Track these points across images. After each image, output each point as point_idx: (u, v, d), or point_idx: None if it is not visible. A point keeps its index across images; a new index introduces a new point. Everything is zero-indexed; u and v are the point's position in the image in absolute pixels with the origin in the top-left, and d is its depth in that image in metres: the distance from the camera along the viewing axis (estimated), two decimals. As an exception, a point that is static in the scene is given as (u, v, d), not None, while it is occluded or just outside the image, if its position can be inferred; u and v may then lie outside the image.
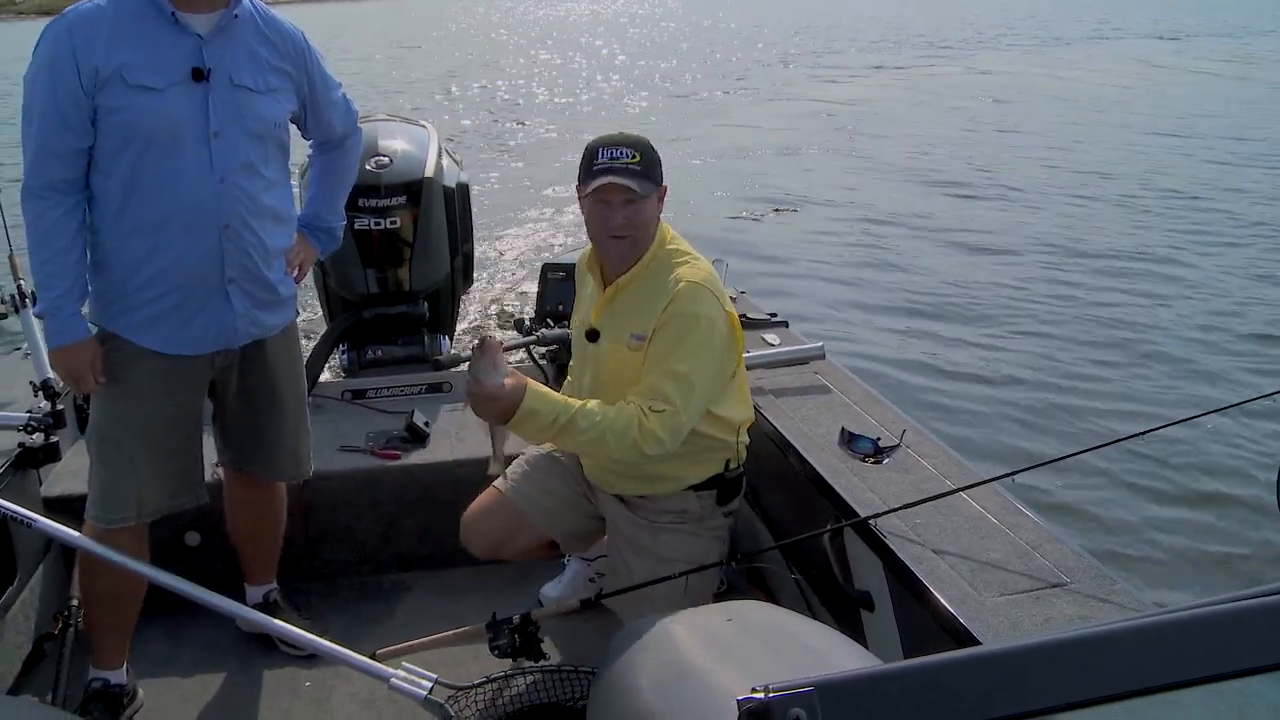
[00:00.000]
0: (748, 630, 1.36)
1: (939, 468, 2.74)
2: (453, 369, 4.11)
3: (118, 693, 2.66)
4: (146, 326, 2.41)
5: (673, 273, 2.43)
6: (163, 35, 2.29)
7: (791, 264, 9.15)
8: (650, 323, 2.40)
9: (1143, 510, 4.92)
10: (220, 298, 2.43)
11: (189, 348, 2.46)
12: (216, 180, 2.34)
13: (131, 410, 2.46)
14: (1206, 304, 7.86)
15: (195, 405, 2.57)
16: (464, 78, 26.85)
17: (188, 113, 2.30)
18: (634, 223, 2.40)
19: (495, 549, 2.79)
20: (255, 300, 2.50)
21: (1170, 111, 17.74)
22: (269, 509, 2.91)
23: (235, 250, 2.41)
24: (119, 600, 2.62)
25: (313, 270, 4.38)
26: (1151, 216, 10.64)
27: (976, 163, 13.77)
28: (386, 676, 2.27)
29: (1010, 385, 6.42)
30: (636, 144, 2.41)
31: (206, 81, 2.31)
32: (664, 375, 2.34)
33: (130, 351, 2.42)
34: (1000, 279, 8.58)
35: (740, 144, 15.73)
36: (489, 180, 12.59)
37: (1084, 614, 2.08)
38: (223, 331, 2.48)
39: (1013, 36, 34.14)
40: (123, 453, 2.46)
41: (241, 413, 2.68)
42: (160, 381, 2.46)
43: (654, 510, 2.62)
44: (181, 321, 2.41)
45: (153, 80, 2.26)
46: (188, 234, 2.34)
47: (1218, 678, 0.76)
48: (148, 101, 2.25)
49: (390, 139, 4.15)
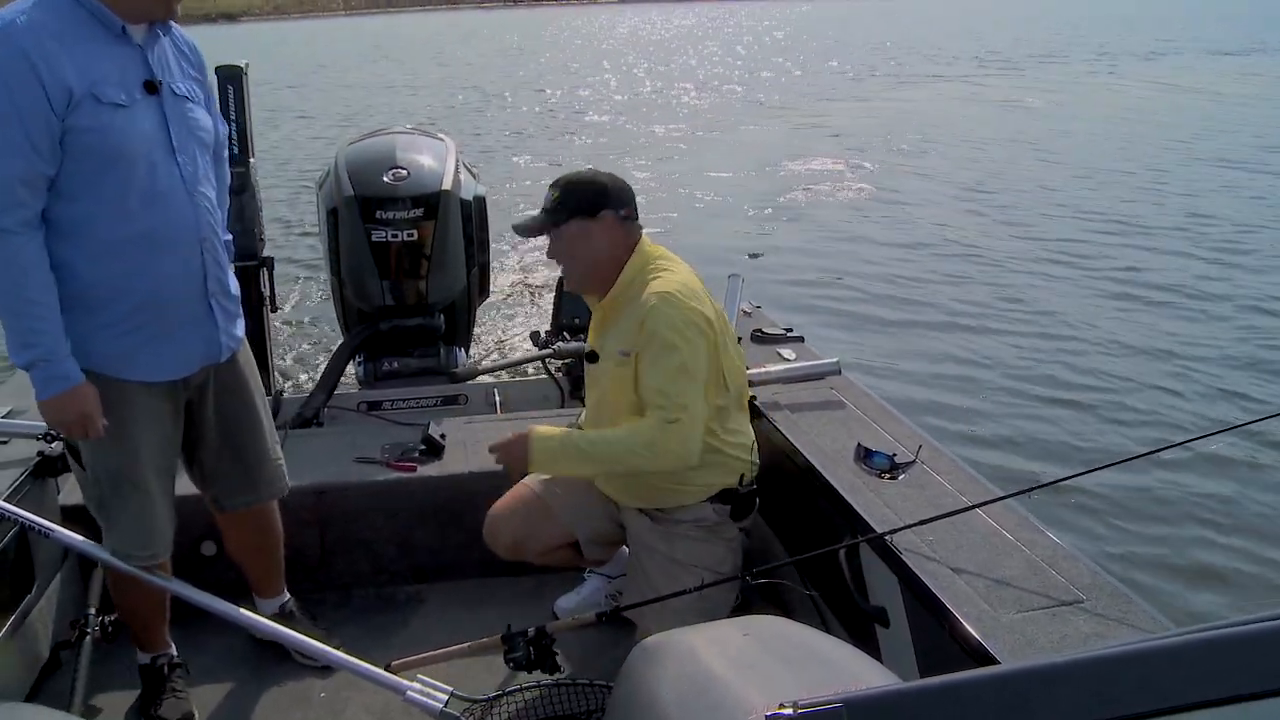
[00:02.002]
0: (765, 645, 1.36)
1: (955, 484, 2.73)
2: (469, 381, 4.12)
3: (179, 663, 2.79)
4: (129, 356, 2.30)
5: (647, 288, 2.56)
6: (111, 49, 2.17)
7: (808, 279, 9.14)
8: (632, 338, 2.53)
9: (1159, 528, 4.89)
10: (205, 315, 2.39)
11: (175, 370, 2.39)
12: (190, 193, 2.28)
13: (137, 445, 2.38)
14: (1229, 321, 7.81)
15: (177, 428, 2.51)
16: (504, 90, 26.96)
17: (153, 127, 2.21)
18: (560, 255, 2.66)
19: (519, 546, 2.85)
20: (227, 313, 2.47)
21: (1216, 130, 17.62)
22: (263, 527, 2.85)
23: (213, 264, 2.37)
24: (155, 605, 2.71)
25: (330, 281, 4.43)
26: (1179, 234, 10.58)
27: (1004, 178, 13.75)
28: (402, 689, 2.27)
29: (1026, 401, 6.40)
30: (558, 183, 2.64)
31: (159, 94, 2.23)
32: (666, 383, 2.48)
33: (116, 385, 2.31)
34: (1017, 295, 8.55)
35: (761, 157, 15.75)
36: (505, 190, 12.63)
37: (1101, 632, 2.07)
38: (208, 349, 2.43)
39: (1076, 53, 33.66)
40: (139, 488, 2.41)
41: (220, 432, 2.59)
42: (146, 409, 2.38)
43: (672, 520, 2.72)
44: (167, 345, 2.33)
45: (121, 97, 2.15)
46: (173, 253, 2.27)
47: (1239, 699, 0.76)
48: (120, 119, 2.14)
49: (408, 151, 4.17)
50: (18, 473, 2.90)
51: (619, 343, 2.58)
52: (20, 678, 2.75)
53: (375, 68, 35.75)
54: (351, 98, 26.25)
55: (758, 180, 13.99)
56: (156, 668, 2.75)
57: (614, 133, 19.36)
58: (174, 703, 2.69)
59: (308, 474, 3.21)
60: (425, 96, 26.32)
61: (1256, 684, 0.76)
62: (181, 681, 2.76)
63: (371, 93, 27.50)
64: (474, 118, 21.97)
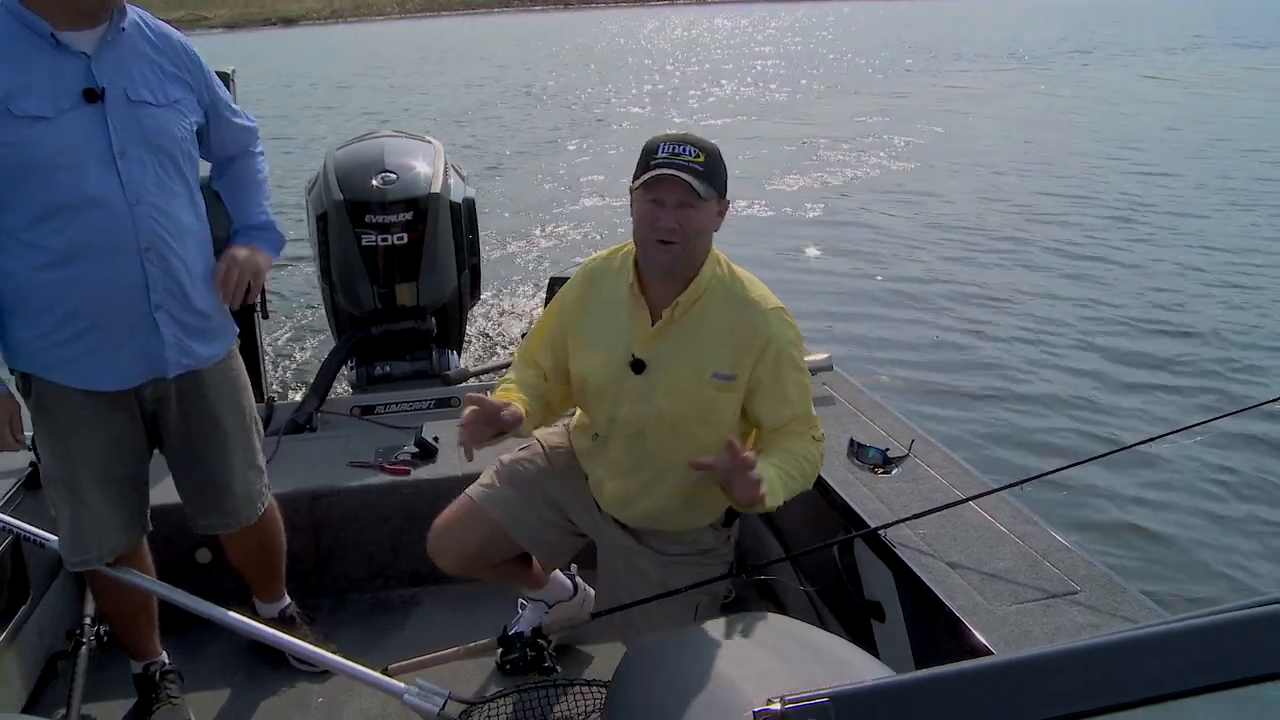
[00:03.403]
0: (760, 642, 1.36)
1: (948, 477, 2.74)
2: (461, 384, 4.12)
3: (171, 669, 2.77)
4: (65, 364, 2.26)
5: (749, 296, 2.25)
6: (43, 59, 2.12)
7: (797, 275, 9.16)
8: (743, 362, 2.22)
9: (1151, 518, 4.91)
10: (148, 327, 2.28)
11: (114, 381, 2.32)
12: (131, 203, 2.19)
13: (69, 449, 2.36)
14: (1220, 311, 7.85)
15: (134, 434, 2.44)
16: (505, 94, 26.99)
17: (85, 136, 2.14)
18: (686, 228, 2.14)
19: (468, 564, 2.57)
20: (185, 328, 2.35)
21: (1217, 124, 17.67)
22: (261, 539, 2.82)
23: (161, 275, 2.26)
24: (136, 609, 2.69)
25: (320, 286, 4.42)
26: (1171, 225, 10.63)
27: (1001, 174, 13.80)
28: (399, 692, 2.27)
29: (1018, 395, 6.42)
30: (702, 145, 2.16)
31: (102, 101, 2.16)
32: (806, 405, 2.30)
33: (53, 391, 2.29)
34: (1009, 288, 8.57)
35: (761, 154, 15.77)
36: (495, 192, 12.62)
37: (1095, 623, 2.08)
38: (151, 363, 2.33)
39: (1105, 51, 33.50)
40: (73, 494, 2.39)
41: (184, 451, 2.53)
42: (89, 415, 2.33)
43: (667, 542, 2.45)
44: (104, 356, 2.27)
45: (42, 109, 2.10)
46: (105, 264, 2.19)
47: (1231, 684, 0.77)
48: (39, 131, 2.09)
49: (396, 155, 4.17)
50: (10, 484, 2.90)
51: (715, 362, 2.22)
52: (17, 688, 2.74)
53: (420, 69, 35.89)
54: (384, 99, 26.45)
55: (758, 179, 13.99)
56: (149, 676, 2.74)
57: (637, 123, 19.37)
58: (168, 710, 2.68)
59: (302, 479, 3.21)
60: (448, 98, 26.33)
61: (1251, 669, 0.77)
62: (176, 688, 2.75)
63: (400, 95, 27.58)
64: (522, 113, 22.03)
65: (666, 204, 2.13)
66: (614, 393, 2.32)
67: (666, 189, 2.13)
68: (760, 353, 2.21)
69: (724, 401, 2.24)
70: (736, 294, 2.25)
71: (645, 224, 2.17)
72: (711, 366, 2.22)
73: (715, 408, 2.25)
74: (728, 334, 2.22)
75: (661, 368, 2.25)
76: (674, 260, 2.18)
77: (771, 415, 2.26)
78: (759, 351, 2.20)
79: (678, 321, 2.23)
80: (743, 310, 2.23)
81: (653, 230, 2.16)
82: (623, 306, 2.30)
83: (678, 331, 2.24)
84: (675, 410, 2.26)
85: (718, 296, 2.24)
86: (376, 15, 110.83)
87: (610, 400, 2.34)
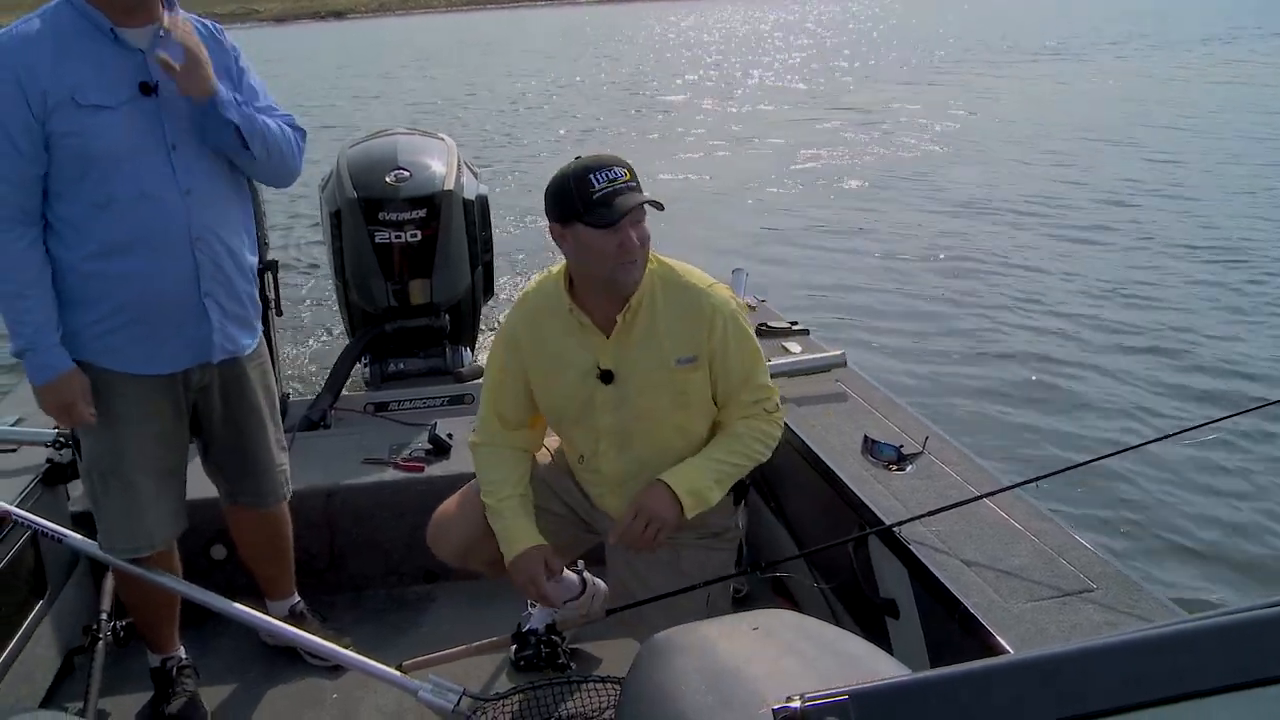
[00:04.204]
0: (776, 638, 1.36)
1: (962, 474, 2.73)
2: (474, 381, 4.13)
3: (187, 664, 2.80)
4: (120, 350, 2.36)
5: (685, 281, 2.35)
6: (105, 52, 2.25)
7: (812, 272, 9.14)
8: (693, 341, 2.31)
9: (1168, 515, 4.88)
10: (197, 313, 2.39)
11: (164, 366, 2.42)
12: (183, 193, 2.30)
13: (124, 439, 2.43)
14: (1246, 305, 7.78)
15: (179, 426, 2.53)
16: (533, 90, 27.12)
17: (143, 128, 2.26)
18: (644, 240, 2.25)
19: (465, 553, 2.58)
20: (229, 315, 2.46)
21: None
22: (273, 531, 2.87)
23: (210, 264, 2.37)
24: (160, 603, 2.72)
25: (334, 284, 4.44)
26: (1182, 222, 10.56)
27: (1011, 175, 13.72)
28: (415, 689, 2.28)
29: (1033, 390, 6.38)
30: (621, 161, 2.25)
31: (156, 95, 2.27)
32: (760, 378, 2.39)
33: (106, 378, 2.38)
34: (1021, 285, 8.53)
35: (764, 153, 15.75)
36: (508, 187, 12.63)
37: (1111, 621, 2.07)
38: (200, 347, 2.44)
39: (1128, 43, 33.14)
40: (127, 484, 2.45)
41: (229, 436, 2.64)
42: (142, 405, 2.43)
43: (677, 528, 2.44)
44: (158, 341, 2.37)
45: (104, 99, 2.22)
46: (160, 252, 2.30)
47: (1250, 685, 0.76)
48: (102, 121, 2.21)
49: (409, 153, 4.18)
50: (29, 479, 2.92)
51: (676, 349, 2.31)
52: (35, 683, 2.76)
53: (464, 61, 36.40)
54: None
55: (760, 176, 13.97)
56: (165, 670, 2.77)
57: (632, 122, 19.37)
58: (183, 703, 2.71)
59: (316, 476, 3.22)
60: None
61: (1266, 669, 0.76)
62: (191, 682, 2.77)
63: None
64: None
65: (625, 227, 2.19)
66: (590, 409, 2.39)
67: (639, 215, 2.21)
68: (710, 328, 2.31)
69: (694, 382, 2.35)
70: (675, 281, 2.35)
71: (609, 253, 2.21)
72: (674, 354, 2.32)
73: (687, 390, 2.35)
74: (678, 320, 2.32)
75: (629, 371, 2.33)
76: (639, 273, 2.28)
77: (733, 386, 2.37)
78: (708, 328, 2.31)
79: (631, 324, 2.32)
80: (685, 294, 2.34)
81: (622, 255, 2.21)
82: (570, 329, 2.36)
83: (633, 334, 2.32)
84: (652, 404, 2.35)
85: (659, 289, 2.33)
86: (423, 8, 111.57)
87: (588, 417, 2.40)
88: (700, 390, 2.36)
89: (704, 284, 2.36)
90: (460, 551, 2.59)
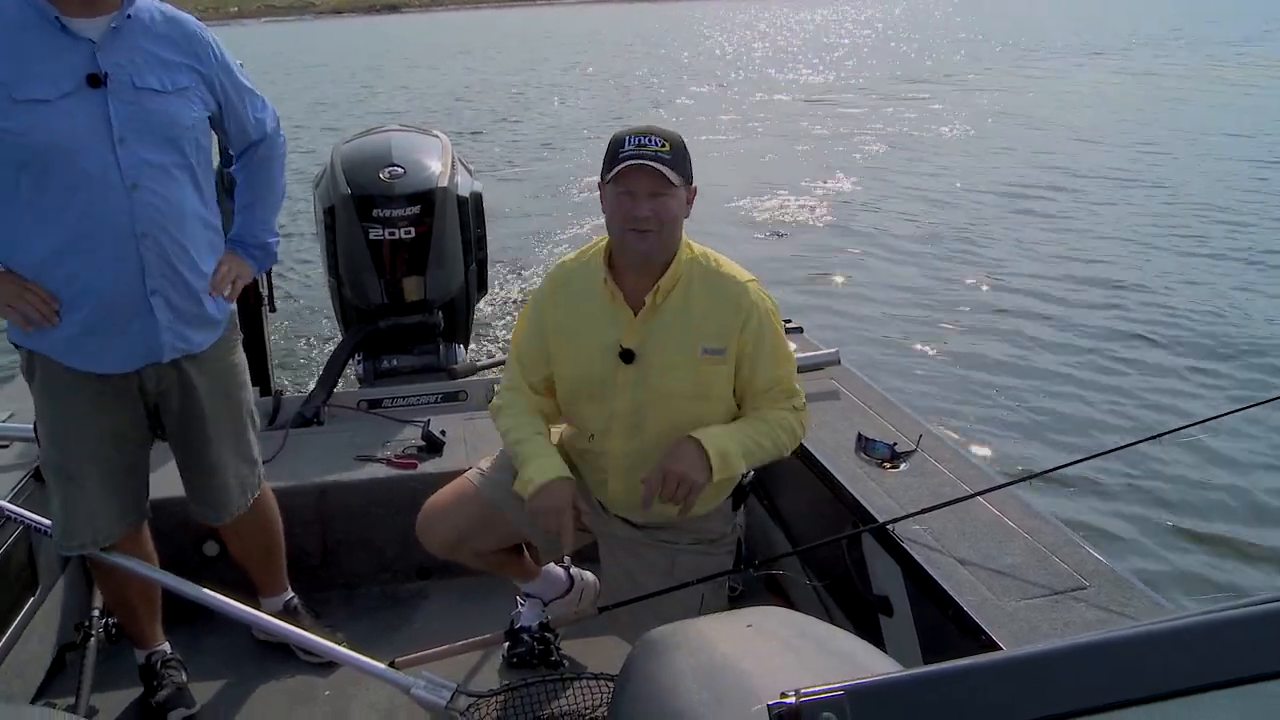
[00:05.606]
0: (769, 636, 1.36)
1: (956, 472, 2.74)
2: (468, 378, 4.12)
3: (172, 658, 2.79)
4: (70, 346, 2.30)
5: (725, 273, 2.32)
6: (49, 43, 2.14)
7: (806, 270, 9.14)
8: (729, 334, 2.28)
9: (1161, 513, 4.89)
10: (144, 311, 2.30)
11: (114, 365, 2.35)
12: (127, 187, 2.20)
13: (68, 436, 2.39)
14: (1236, 306, 7.81)
15: (135, 423, 2.46)
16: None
17: (86, 121, 2.16)
18: (661, 215, 2.19)
19: (454, 545, 2.59)
20: (180, 313, 2.37)
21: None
22: (260, 532, 2.84)
23: (156, 260, 2.27)
24: (138, 596, 2.70)
25: (327, 281, 4.43)
26: (1177, 230, 10.59)
27: (1010, 172, 13.75)
28: (407, 685, 2.27)
29: (1026, 389, 6.40)
30: (667, 135, 2.22)
31: (104, 86, 2.17)
32: (786, 373, 2.36)
33: (58, 372, 2.33)
34: (1014, 283, 8.55)
35: (761, 148, 15.76)
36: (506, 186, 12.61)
37: (1104, 619, 2.08)
38: (149, 347, 2.35)
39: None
40: (70, 479, 2.42)
41: (181, 441, 2.57)
42: (93, 400, 2.37)
43: (674, 532, 2.48)
44: (105, 339, 2.30)
45: (42, 92, 2.12)
46: (103, 248, 2.21)
47: (1241, 681, 0.76)
48: (39, 115, 2.11)
49: (403, 150, 4.17)
50: (20, 475, 2.91)
51: (703, 339, 2.28)
52: (26, 679, 2.75)
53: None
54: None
55: (759, 175, 13.97)
56: (150, 665, 2.76)
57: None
58: (170, 693, 2.70)
59: (309, 473, 3.21)
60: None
61: (1264, 665, 0.77)
62: (179, 674, 2.76)
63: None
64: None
65: (639, 194, 2.19)
66: (607, 386, 2.36)
67: (638, 179, 2.18)
68: (744, 323, 2.28)
69: (717, 375, 2.31)
70: (713, 271, 2.32)
71: (619, 216, 2.23)
72: (701, 343, 2.28)
73: (709, 381, 2.31)
74: (711, 310, 2.29)
75: (652, 352, 2.31)
76: (651, 247, 2.23)
77: (754, 383, 2.33)
78: (742, 322, 2.28)
79: (661, 306, 2.30)
80: (722, 285, 2.31)
81: (628, 220, 2.21)
82: (601, 303, 2.35)
83: (662, 316, 2.30)
84: (672, 389, 2.31)
85: (696, 277, 2.31)
86: (474, 5, 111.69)
87: (604, 395, 2.37)
88: (722, 385, 2.33)
89: (743, 278, 2.34)
90: (450, 544, 2.59)
